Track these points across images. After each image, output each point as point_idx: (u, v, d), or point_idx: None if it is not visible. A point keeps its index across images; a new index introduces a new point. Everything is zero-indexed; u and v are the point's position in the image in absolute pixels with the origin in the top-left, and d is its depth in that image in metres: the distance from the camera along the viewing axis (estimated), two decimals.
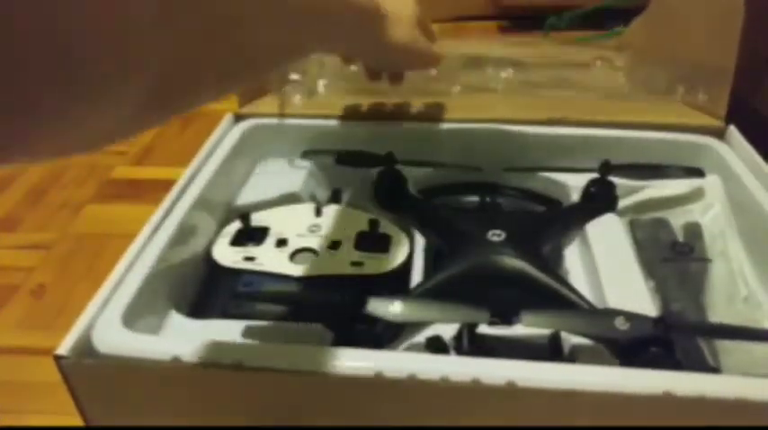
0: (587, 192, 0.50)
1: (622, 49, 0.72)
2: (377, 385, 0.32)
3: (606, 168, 0.50)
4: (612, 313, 0.36)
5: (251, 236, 0.46)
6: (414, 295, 0.41)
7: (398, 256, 0.44)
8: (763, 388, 0.30)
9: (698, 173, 0.51)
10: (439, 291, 0.41)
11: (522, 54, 0.74)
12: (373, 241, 0.46)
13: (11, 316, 0.67)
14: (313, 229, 0.47)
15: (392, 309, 0.36)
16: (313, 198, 0.53)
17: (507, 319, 0.37)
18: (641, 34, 0.71)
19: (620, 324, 0.35)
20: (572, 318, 0.38)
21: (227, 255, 0.45)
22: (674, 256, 0.46)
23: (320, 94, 0.67)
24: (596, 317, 0.38)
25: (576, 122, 0.56)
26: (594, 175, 0.51)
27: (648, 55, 0.67)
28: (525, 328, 0.37)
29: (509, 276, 0.42)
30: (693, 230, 0.48)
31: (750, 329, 0.38)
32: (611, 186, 0.50)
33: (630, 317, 0.35)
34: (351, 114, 0.59)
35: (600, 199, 0.50)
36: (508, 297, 0.42)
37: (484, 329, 0.38)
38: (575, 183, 0.52)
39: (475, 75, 0.69)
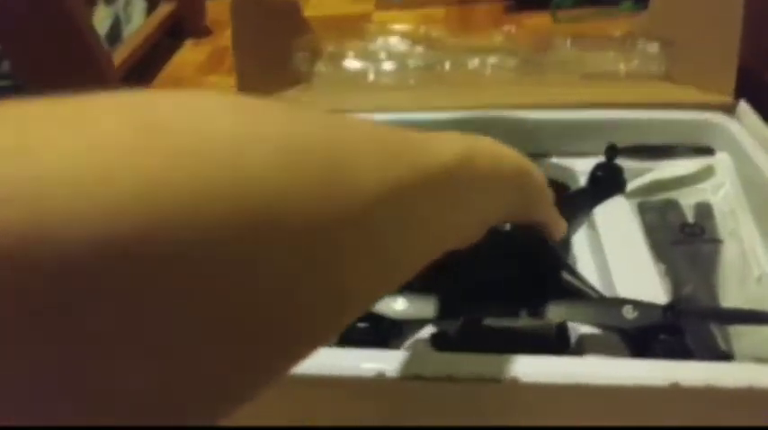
0: (594, 175, 0.50)
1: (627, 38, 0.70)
2: (379, 385, 0.31)
3: (612, 151, 0.49)
4: (620, 302, 0.35)
5: None
6: (416, 289, 0.40)
7: None
8: None
9: (707, 151, 0.50)
10: (441, 283, 0.40)
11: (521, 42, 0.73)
12: None
13: None
14: None
15: (396, 306, 0.36)
16: None
17: (513, 311, 0.37)
18: (645, 24, 0.69)
19: (628, 313, 0.34)
20: (580, 307, 0.37)
21: None
22: (684, 238, 0.45)
23: (320, 88, 0.66)
24: (604, 306, 0.37)
25: (581, 104, 0.55)
26: (601, 159, 0.50)
27: (653, 37, 0.65)
28: (532, 320, 0.37)
29: (515, 264, 0.42)
30: (704, 210, 0.47)
31: (762, 313, 0.37)
32: (619, 169, 0.49)
33: (639, 305, 0.34)
34: (353, 106, 0.59)
35: (607, 182, 0.49)
36: (514, 287, 0.41)
37: (490, 322, 0.38)
38: (582, 168, 0.51)
39: (474, 62, 0.68)
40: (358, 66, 0.70)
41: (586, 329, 0.37)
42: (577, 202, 0.49)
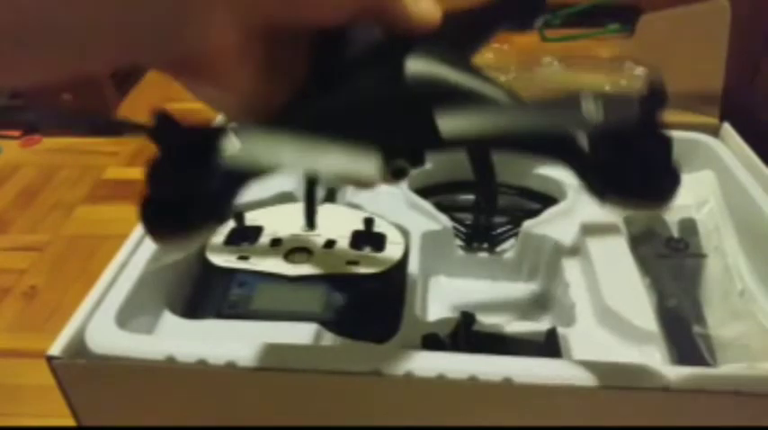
0: None
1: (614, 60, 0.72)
2: (373, 383, 0.31)
3: None
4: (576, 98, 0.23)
5: (245, 235, 0.46)
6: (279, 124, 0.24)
7: (394, 255, 0.44)
8: (759, 381, 0.30)
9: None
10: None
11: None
12: (368, 240, 0.45)
13: (2, 318, 0.67)
14: (308, 229, 0.47)
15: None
16: None
17: (418, 157, 0.26)
18: (633, 48, 0.71)
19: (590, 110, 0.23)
20: (513, 113, 0.25)
21: (220, 254, 0.44)
22: (669, 252, 0.46)
23: None
24: (551, 107, 0.25)
25: None
26: None
27: (640, 61, 0.67)
28: (521, 325, 0.37)
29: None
30: (688, 226, 0.48)
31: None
32: None
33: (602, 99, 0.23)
34: None
35: None
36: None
37: (480, 328, 0.38)
38: (569, 180, 0.52)
39: None
40: None
41: (575, 335, 0.37)
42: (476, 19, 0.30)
